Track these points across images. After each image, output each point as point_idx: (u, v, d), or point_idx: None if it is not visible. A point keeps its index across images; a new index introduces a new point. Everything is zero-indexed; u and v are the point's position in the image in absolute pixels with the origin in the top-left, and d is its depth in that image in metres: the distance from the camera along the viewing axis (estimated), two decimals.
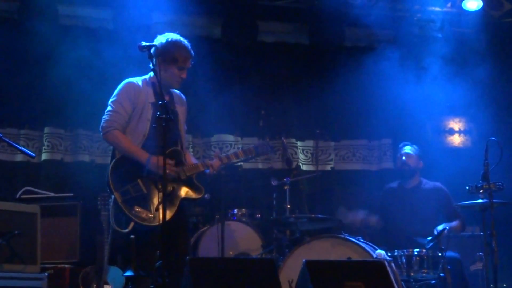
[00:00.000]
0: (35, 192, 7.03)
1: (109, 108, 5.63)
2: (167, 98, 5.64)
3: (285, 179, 7.30)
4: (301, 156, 8.85)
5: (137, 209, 5.43)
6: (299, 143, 8.87)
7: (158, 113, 5.01)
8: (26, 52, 7.88)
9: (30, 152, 6.01)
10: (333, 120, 8.88)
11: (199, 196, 5.74)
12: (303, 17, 8.76)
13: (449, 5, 8.66)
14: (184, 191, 5.66)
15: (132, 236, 5.29)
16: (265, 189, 7.96)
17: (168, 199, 5.31)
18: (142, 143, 5.59)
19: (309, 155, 8.90)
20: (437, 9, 8.71)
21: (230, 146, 8.56)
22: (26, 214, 5.98)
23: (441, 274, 6.09)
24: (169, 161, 5.38)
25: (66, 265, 6.56)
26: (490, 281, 5.84)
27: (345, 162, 9.01)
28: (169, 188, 5.41)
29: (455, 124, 9.24)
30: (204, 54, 8.40)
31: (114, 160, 5.57)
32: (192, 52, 5.77)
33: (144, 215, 5.43)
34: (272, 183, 7.40)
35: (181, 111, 5.90)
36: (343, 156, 9.01)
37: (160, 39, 5.69)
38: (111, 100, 5.67)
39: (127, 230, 5.43)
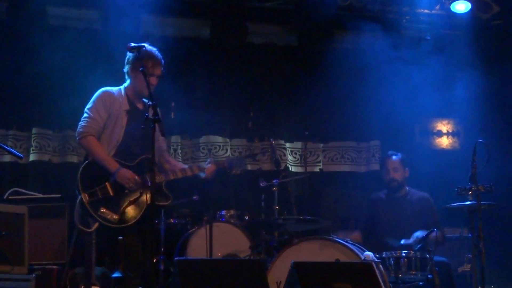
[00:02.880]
0: (22, 193, 6.99)
1: (85, 114, 5.89)
2: (140, 106, 5.99)
3: (273, 181, 7.30)
4: (290, 158, 8.85)
5: (103, 210, 5.65)
6: (287, 144, 8.86)
7: (147, 114, 5.04)
8: (14, 52, 7.87)
9: (17, 153, 6.05)
10: (322, 121, 8.88)
11: (165, 203, 5.98)
12: (292, 19, 8.75)
13: (437, 7, 8.68)
14: (151, 197, 5.70)
15: (120, 237, 5.38)
16: (253, 191, 7.97)
17: (135, 203, 5.71)
18: (115, 148, 5.83)
19: (298, 156, 8.90)
20: (426, 11, 8.73)
21: (218, 148, 8.54)
22: (13, 215, 5.94)
23: (429, 276, 6.09)
24: (136, 177, 5.73)
25: (54, 266, 6.53)
26: (478, 282, 5.85)
27: (333, 163, 9.02)
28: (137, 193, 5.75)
29: (443, 126, 9.26)
30: (193, 56, 8.42)
31: (85, 163, 5.81)
32: (162, 60, 5.94)
33: (109, 217, 5.64)
34: (261, 184, 7.39)
35: None
36: (331, 157, 9.02)
37: None
38: (87, 107, 5.91)
39: (90, 230, 5.65)
